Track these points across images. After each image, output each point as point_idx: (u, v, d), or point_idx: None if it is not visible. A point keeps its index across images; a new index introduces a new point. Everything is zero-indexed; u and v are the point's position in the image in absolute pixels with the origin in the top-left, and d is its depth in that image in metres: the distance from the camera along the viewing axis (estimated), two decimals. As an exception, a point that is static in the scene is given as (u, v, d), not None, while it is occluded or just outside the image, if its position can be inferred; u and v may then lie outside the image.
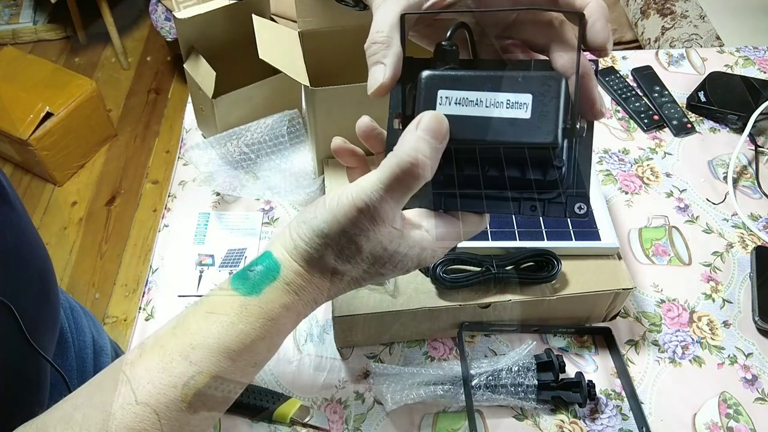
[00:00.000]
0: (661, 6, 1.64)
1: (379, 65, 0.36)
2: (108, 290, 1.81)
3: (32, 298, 0.53)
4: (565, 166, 0.35)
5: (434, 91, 0.34)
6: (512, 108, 0.32)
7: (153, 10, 2.14)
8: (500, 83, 0.33)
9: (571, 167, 0.35)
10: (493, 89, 0.33)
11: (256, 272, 0.37)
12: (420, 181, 0.34)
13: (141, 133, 2.23)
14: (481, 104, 0.33)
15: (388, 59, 0.36)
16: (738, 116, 0.89)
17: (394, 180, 0.34)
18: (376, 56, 0.36)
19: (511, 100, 0.32)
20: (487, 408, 0.64)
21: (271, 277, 0.37)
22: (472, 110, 0.33)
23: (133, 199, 2.04)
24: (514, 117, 0.32)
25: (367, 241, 0.36)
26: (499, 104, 0.33)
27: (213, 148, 0.80)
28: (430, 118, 0.33)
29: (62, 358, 0.65)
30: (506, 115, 0.32)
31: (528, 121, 0.32)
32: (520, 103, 0.32)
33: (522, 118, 0.32)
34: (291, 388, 0.66)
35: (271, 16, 0.84)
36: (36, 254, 0.54)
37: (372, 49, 0.36)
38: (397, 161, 0.33)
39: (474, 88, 0.33)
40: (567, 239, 0.67)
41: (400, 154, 0.33)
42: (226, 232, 0.79)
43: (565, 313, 0.67)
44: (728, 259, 0.76)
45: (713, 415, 0.64)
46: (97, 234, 1.94)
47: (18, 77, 2.02)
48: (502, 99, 0.33)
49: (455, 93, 0.33)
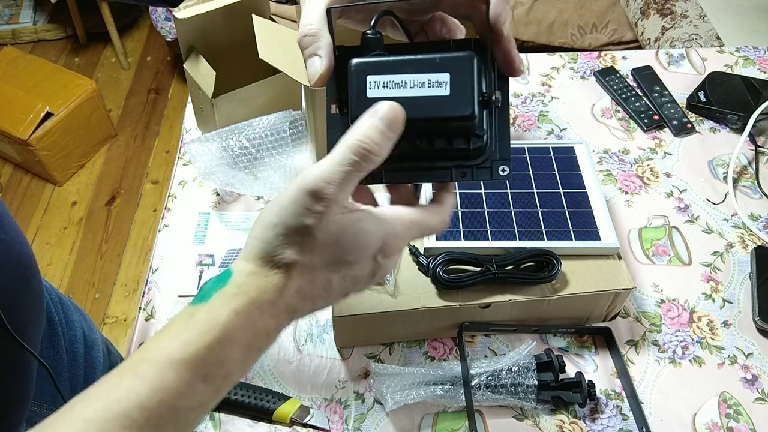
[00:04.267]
0: (661, 6, 1.64)
1: (314, 57, 0.38)
2: (108, 290, 1.81)
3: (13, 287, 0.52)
4: (487, 134, 0.39)
5: (363, 77, 0.37)
6: (433, 87, 0.36)
7: (153, 10, 2.15)
8: (421, 66, 0.36)
9: (493, 134, 0.39)
10: (415, 71, 0.36)
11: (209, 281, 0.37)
12: (370, 166, 0.35)
13: (141, 133, 2.23)
14: (406, 86, 0.36)
15: (322, 50, 0.38)
16: (738, 116, 0.89)
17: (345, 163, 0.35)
18: (311, 48, 0.38)
19: (431, 80, 0.36)
20: (487, 408, 0.64)
21: (221, 282, 0.36)
22: (398, 92, 0.37)
23: (133, 199, 2.04)
24: (435, 95, 0.36)
25: (319, 224, 0.35)
26: (421, 84, 0.36)
27: (214, 142, 0.80)
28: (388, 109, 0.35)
29: (52, 351, 0.65)
30: (429, 93, 0.36)
31: (448, 98, 0.36)
32: (440, 82, 0.36)
33: (442, 95, 0.36)
34: (291, 388, 0.66)
35: (271, 16, 0.84)
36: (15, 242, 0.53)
37: (305, 42, 0.38)
38: (348, 146, 0.35)
39: (398, 71, 0.37)
40: (567, 239, 0.67)
41: (352, 140, 0.35)
42: (226, 232, 0.79)
43: (565, 313, 0.67)
44: (728, 259, 0.76)
45: (713, 415, 0.64)
46: (97, 234, 1.94)
47: (18, 77, 2.02)
48: (423, 79, 0.36)
49: (382, 77, 0.37)
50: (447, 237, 0.67)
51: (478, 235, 0.67)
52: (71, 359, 0.68)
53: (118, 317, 1.75)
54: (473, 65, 0.36)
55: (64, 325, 0.68)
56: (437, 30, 0.43)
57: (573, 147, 0.77)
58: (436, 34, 0.43)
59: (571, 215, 0.69)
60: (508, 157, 0.40)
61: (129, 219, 1.98)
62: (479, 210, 0.69)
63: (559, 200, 0.70)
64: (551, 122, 0.91)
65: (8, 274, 0.52)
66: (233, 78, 0.80)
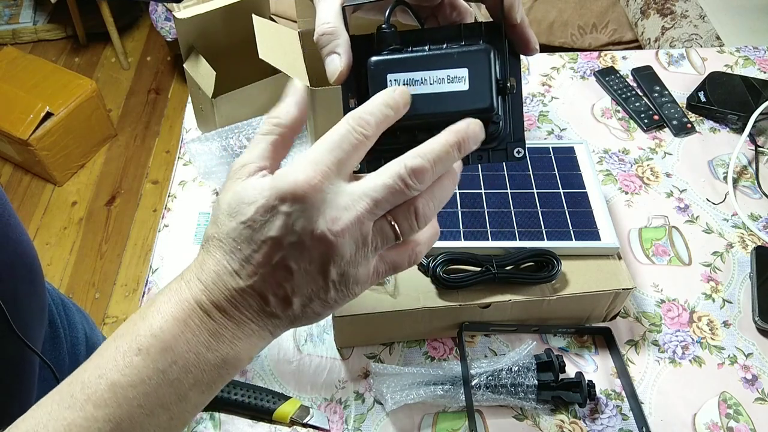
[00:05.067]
0: (661, 6, 1.64)
1: (333, 55, 0.39)
2: (108, 290, 1.81)
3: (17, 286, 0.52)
4: (502, 120, 0.40)
5: (384, 76, 0.38)
6: (452, 82, 0.38)
7: (153, 10, 2.15)
8: (440, 61, 0.38)
9: (508, 119, 0.41)
10: (434, 68, 0.38)
11: None
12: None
13: (141, 133, 2.24)
14: (426, 82, 0.38)
15: (340, 48, 0.38)
16: (738, 116, 0.89)
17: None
18: (329, 47, 0.39)
19: (450, 75, 0.38)
20: (487, 408, 0.64)
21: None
22: (419, 89, 0.38)
23: (133, 199, 2.04)
24: (455, 90, 0.38)
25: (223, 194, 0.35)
26: (441, 80, 0.38)
27: (214, 141, 0.80)
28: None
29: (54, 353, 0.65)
30: (448, 89, 0.38)
31: (467, 92, 0.38)
32: (459, 77, 0.38)
33: (462, 90, 0.38)
34: (291, 388, 0.66)
35: (271, 16, 0.84)
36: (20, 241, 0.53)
37: (323, 41, 0.39)
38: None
39: (418, 68, 0.38)
40: (567, 239, 0.67)
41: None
42: (226, 232, 0.79)
43: (565, 313, 0.67)
44: (728, 259, 0.76)
45: (713, 415, 0.64)
46: (97, 234, 1.95)
47: (18, 77, 2.02)
48: (443, 75, 0.38)
49: (402, 75, 0.38)
50: (447, 237, 0.67)
51: (478, 235, 0.67)
52: (73, 360, 0.68)
53: (118, 317, 1.75)
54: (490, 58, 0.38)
55: (66, 326, 0.68)
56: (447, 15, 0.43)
57: (573, 147, 0.77)
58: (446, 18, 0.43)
59: (571, 215, 0.69)
60: (523, 138, 0.41)
61: (129, 219, 1.98)
62: (479, 210, 0.69)
63: (559, 200, 0.70)
64: (551, 122, 0.91)
65: (14, 274, 0.52)
66: (233, 78, 0.80)
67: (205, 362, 0.34)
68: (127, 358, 0.33)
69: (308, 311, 0.35)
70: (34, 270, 0.56)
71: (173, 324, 0.33)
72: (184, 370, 0.33)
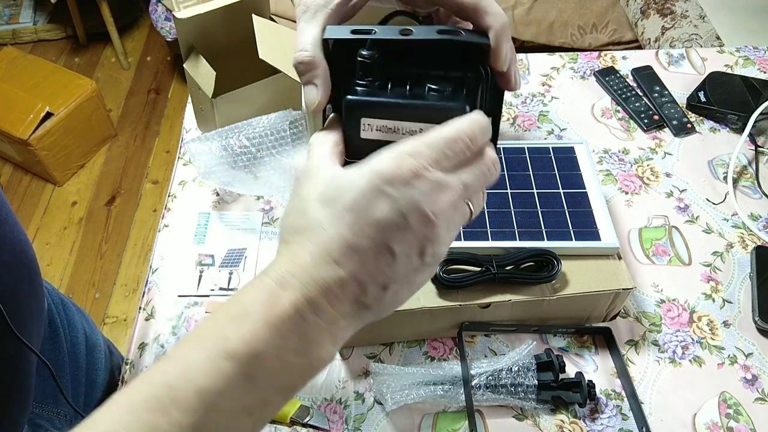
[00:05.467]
0: (661, 6, 1.64)
1: (310, 86, 0.38)
2: (108, 290, 1.81)
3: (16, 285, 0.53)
4: None
5: (358, 119, 0.37)
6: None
7: (153, 10, 2.14)
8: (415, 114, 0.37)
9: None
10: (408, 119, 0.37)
11: None
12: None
13: (141, 133, 2.24)
14: (398, 131, 0.37)
15: (318, 79, 0.38)
16: (738, 116, 0.89)
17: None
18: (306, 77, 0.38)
19: (423, 129, 0.36)
20: (487, 408, 0.64)
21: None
22: (390, 136, 0.37)
23: (133, 199, 2.04)
24: None
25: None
26: (413, 132, 0.37)
27: (214, 141, 0.80)
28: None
29: (54, 352, 0.65)
30: None
31: None
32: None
33: None
34: (291, 388, 0.66)
35: (271, 16, 0.84)
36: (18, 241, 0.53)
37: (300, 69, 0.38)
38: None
39: (393, 116, 0.37)
40: (567, 239, 0.67)
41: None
42: (227, 232, 0.79)
43: (565, 313, 0.67)
44: (728, 259, 0.76)
45: (713, 415, 0.64)
46: (97, 234, 1.94)
47: (18, 77, 2.02)
48: (415, 128, 0.37)
49: (376, 122, 0.37)
50: (447, 237, 0.67)
51: (478, 235, 0.67)
52: (73, 360, 0.68)
53: (118, 317, 1.75)
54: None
55: (65, 326, 0.68)
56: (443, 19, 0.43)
57: (573, 147, 0.77)
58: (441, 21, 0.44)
59: (571, 215, 0.69)
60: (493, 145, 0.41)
61: (129, 219, 1.98)
62: (479, 210, 0.69)
63: (559, 200, 0.70)
64: (551, 122, 0.91)
65: (13, 274, 0.52)
66: (233, 78, 0.80)
67: (292, 367, 0.33)
68: (216, 363, 0.31)
69: (397, 299, 0.35)
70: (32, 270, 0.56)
71: (264, 328, 0.32)
72: (272, 375, 0.33)
